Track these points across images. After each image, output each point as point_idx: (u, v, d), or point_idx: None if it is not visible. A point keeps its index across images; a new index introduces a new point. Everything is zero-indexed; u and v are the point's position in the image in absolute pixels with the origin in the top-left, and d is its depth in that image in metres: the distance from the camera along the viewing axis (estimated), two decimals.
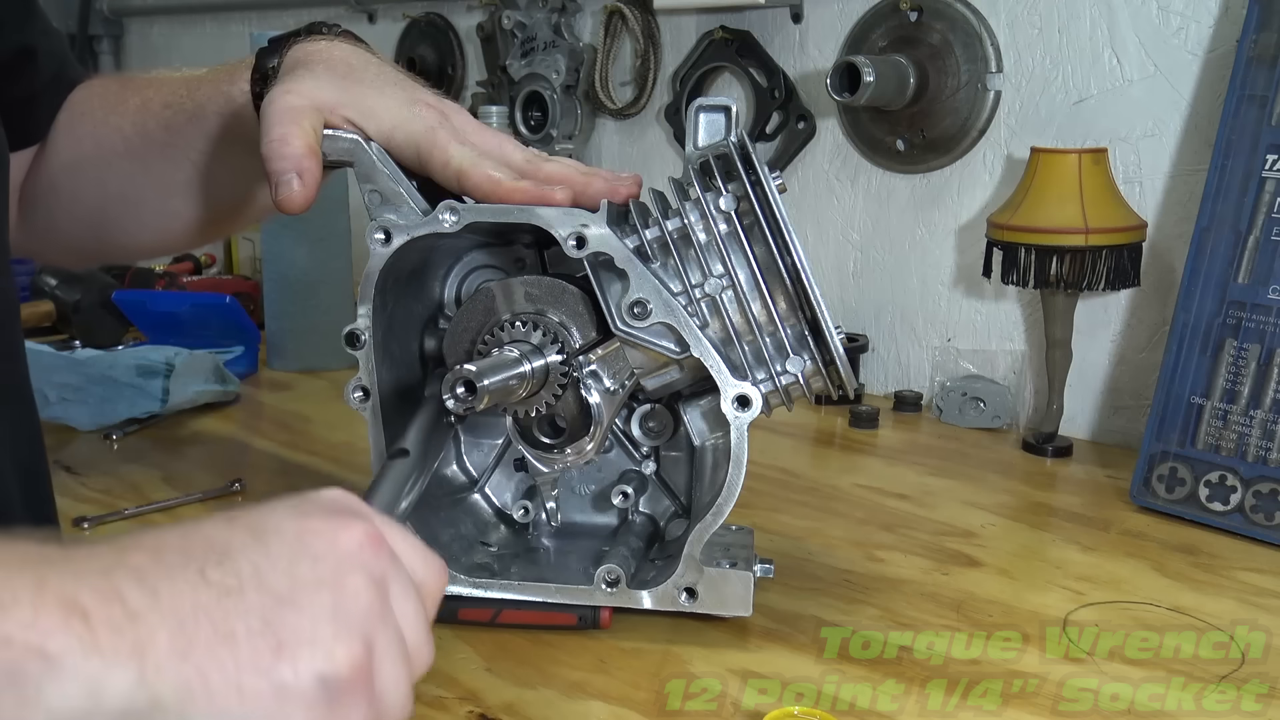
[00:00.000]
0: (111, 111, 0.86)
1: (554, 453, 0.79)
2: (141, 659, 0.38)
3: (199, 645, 0.40)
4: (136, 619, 0.39)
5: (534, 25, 1.76)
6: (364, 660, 0.44)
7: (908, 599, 0.87)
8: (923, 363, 1.47)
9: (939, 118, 1.40)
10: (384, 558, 0.48)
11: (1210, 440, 1.04)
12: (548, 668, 0.76)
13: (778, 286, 0.75)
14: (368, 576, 0.46)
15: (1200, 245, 1.06)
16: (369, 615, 0.45)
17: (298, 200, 0.68)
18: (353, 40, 0.79)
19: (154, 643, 0.39)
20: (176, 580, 0.41)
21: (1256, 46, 1.06)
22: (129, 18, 2.68)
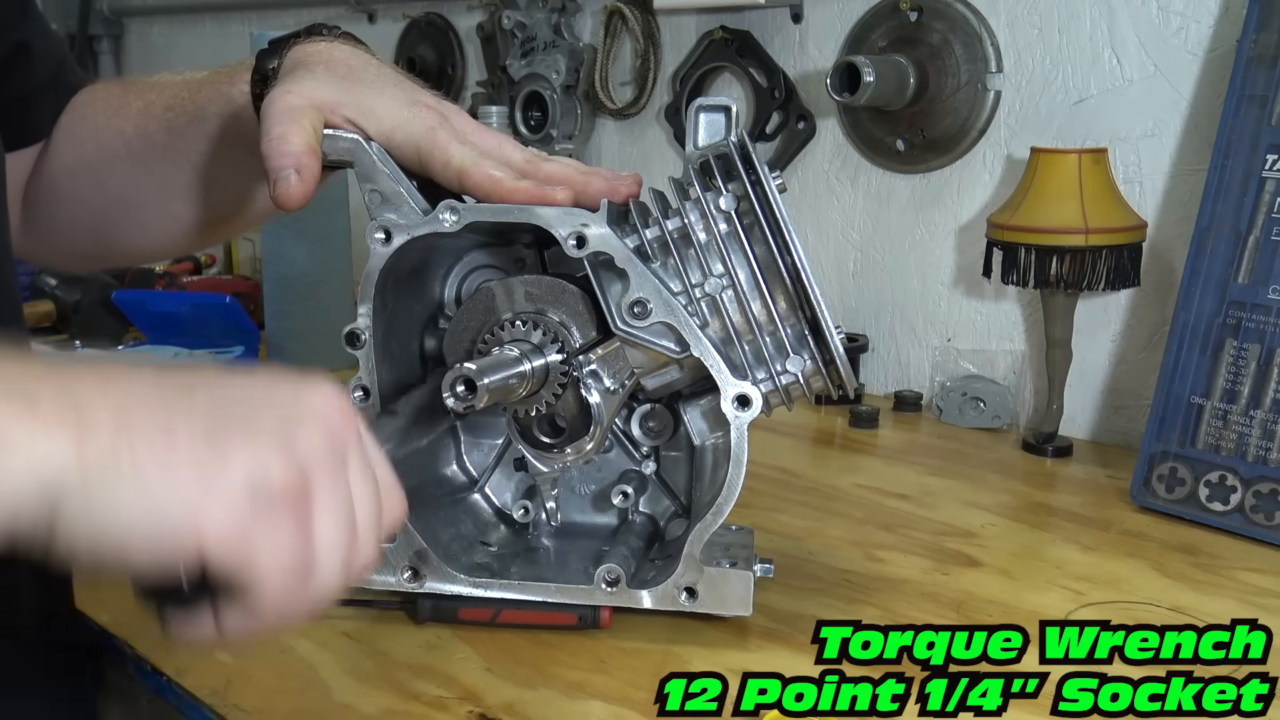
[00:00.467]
0: (114, 115, 0.87)
1: (554, 452, 0.79)
2: (79, 431, 0.41)
3: (136, 429, 0.42)
4: (81, 405, 0.42)
5: (534, 25, 1.76)
6: (299, 487, 0.44)
7: (908, 599, 0.87)
8: (923, 363, 1.47)
9: (939, 118, 1.40)
10: (350, 431, 0.48)
11: (1210, 440, 1.04)
12: (548, 668, 0.76)
13: (778, 286, 0.75)
14: (326, 432, 0.46)
15: (1200, 245, 1.06)
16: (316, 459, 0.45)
17: (295, 195, 0.68)
18: (352, 42, 0.79)
19: (94, 421, 0.41)
20: (131, 385, 0.43)
21: (1256, 46, 1.05)
22: (129, 18, 2.69)
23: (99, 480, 0.41)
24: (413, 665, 0.77)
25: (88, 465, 0.41)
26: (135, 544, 0.41)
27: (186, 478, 0.42)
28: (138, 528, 0.41)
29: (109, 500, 0.41)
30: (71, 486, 0.40)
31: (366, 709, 0.71)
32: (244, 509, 0.42)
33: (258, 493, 0.43)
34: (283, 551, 0.43)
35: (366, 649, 0.79)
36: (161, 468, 0.41)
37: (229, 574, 0.43)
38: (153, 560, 0.42)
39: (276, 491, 0.43)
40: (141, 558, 0.42)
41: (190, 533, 0.41)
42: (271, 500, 0.43)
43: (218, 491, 0.42)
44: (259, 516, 0.43)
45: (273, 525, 0.43)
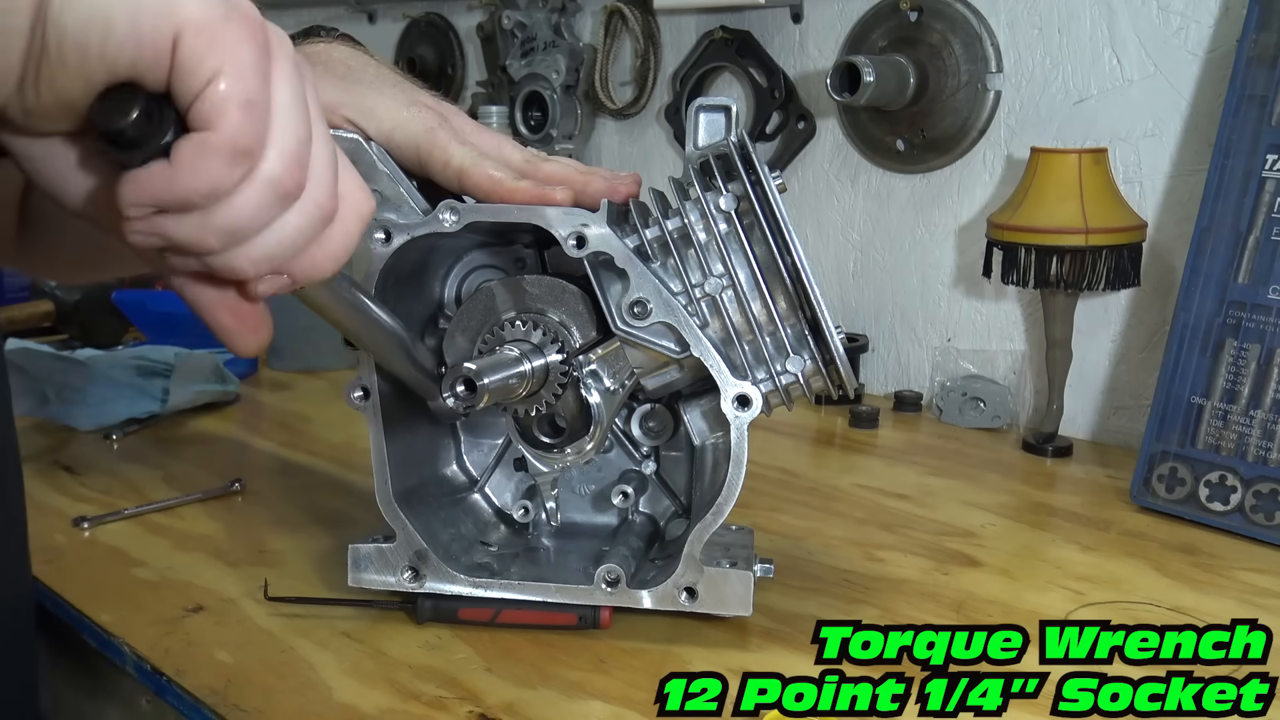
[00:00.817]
0: None
1: (554, 452, 0.79)
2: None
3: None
4: None
5: (534, 25, 1.76)
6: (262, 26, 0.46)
7: (908, 599, 0.87)
8: (923, 363, 1.47)
9: (939, 118, 1.40)
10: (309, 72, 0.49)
11: (1210, 440, 1.04)
12: (548, 668, 0.76)
13: (778, 286, 0.75)
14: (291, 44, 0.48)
15: (1200, 245, 1.06)
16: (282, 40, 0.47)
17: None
18: (350, 43, 0.79)
19: None
20: None
21: (1256, 46, 1.06)
22: None
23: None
24: (413, 665, 0.77)
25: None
26: (118, 22, 0.42)
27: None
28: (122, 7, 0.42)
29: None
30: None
31: (366, 709, 0.71)
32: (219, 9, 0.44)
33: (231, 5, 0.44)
34: (244, 65, 0.44)
35: (366, 649, 0.79)
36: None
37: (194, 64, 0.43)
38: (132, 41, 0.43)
39: (245, 11, 0.45)
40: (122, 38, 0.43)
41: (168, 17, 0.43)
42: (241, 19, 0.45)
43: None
44: (229, 23, 0.44)
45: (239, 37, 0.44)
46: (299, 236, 0.49)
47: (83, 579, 0.91)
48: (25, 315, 1.71)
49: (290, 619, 0.83)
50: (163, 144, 0.45)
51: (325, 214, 0.50)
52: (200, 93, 0.44)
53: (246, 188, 0.46)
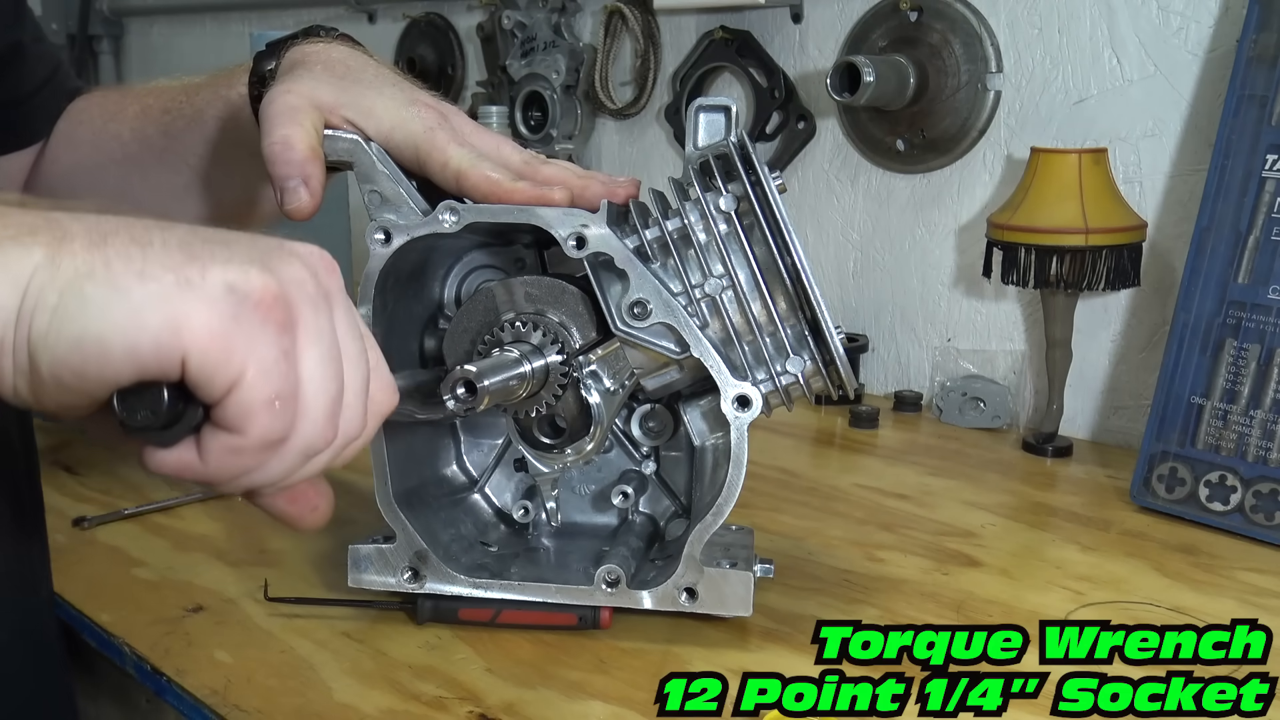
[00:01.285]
0: (110, 119, 0.87)
1: (554, 453, 0.79)
2: (55, 246, 0.41)
3: (112, 243, 0.41)
4: (58, 224, 0.42)
5: (534, 25, 1.76)
6: (281, 300, 0.43)
7: (908, 599, 0.87)
8: (923, 363, 1.47)
9: (939, 118, 1.40)
10: (335, 280, 0.47)
11: (1210, 440, 1.04)
12: (548, 668, 0.76)
13: (778, 286, 0.75)
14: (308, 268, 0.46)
15: (1200, 245, 1.06)
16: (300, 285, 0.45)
17: (306, 209, 0.69)
18: (350, 43, 0.79)
19: (70, 236, 0.41)
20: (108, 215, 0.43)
21: (1256, 46, 1.05)
22: (129, 18, 2.69)
23: (74, 289, 0.40)
24: (413, 665, 0.77)
25: (62, 273, 0.40)
26: (114, 349, 0.40)
27: (164, 281, 0.41)
28: (115, 331, 0.40)
29: (85, 307, 0.40)
30: (47, 296, 0.40)
31: (366, 709, 0.72)
32: (224, 312, 0.41)
33: (238, 298, 0.42)
34: (266, 363, 0.42)
35: (366, 649, 0.79)
36: (138, 275, 0.41)
37: (211, 376, 0.41)
38: (133, 364, 0.41)
39: (256, 299, 0.42)
40: (121, 364, 0.41)
41: (170, 333, 0.40)
42: (253, 308, 0.42)
43: (196, 292, 0.41)
44: (239, 322, 0.42)
45: (254, 333, 0.42)
46: (323, 466, 0.48)
47: (83, 579, 0.91)
48: None
49: (290, 619, 0.83)
50: (191, 427, 0.43)
51: (351, 440, 0.48)
52: (222, 400, 0.42)
53: (276, 460, 0.45)
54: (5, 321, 0.40)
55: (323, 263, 0.48)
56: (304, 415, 0.45)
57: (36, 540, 0.84)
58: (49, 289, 0.40)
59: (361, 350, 0.48)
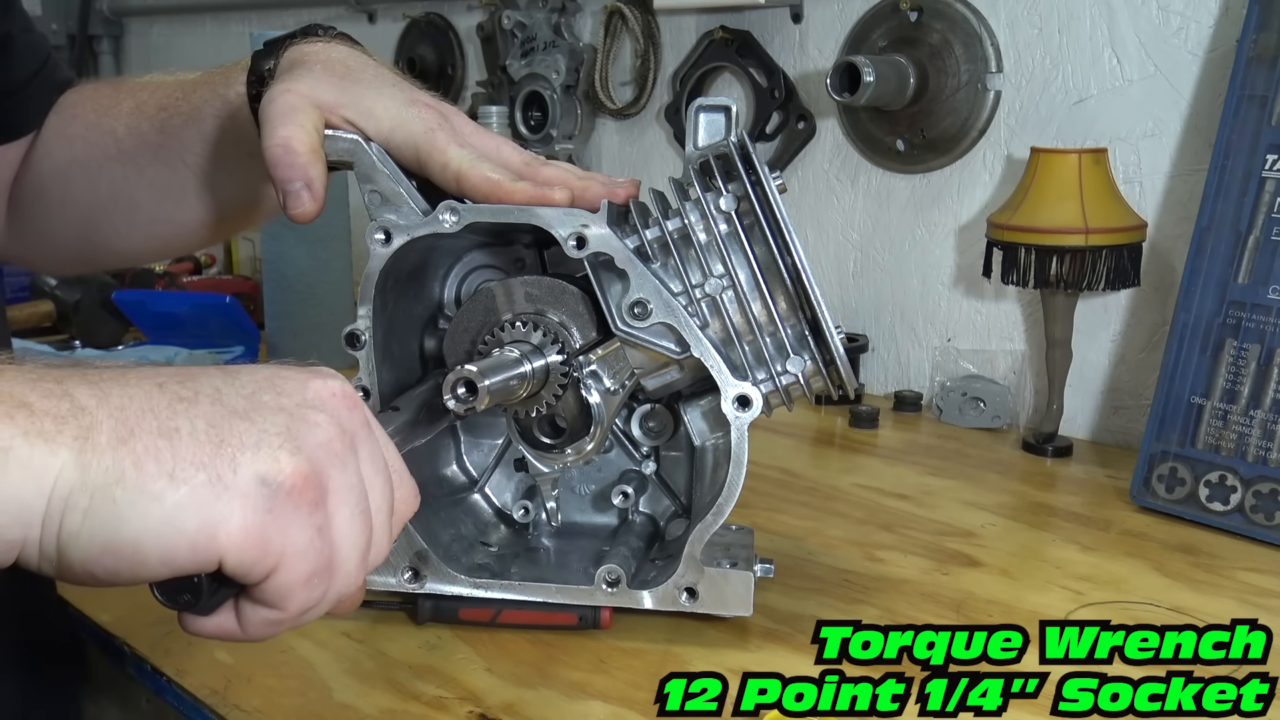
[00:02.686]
0: (104, 114, 0.86)
1: (554, 453, 0.79)
2: (81, 443, 0.40)
3: (139, 436, 0.41)
4: (82, 412, 0.40)
5: (534, 25, 1.76)
6: (312, 481, 0.43)
7: (908, 599, 0.87)
8: (923, 363, 1.47)
9: (939, 118, 1.40)
10: (357, 416, 0.47)
11: (1210, 440, 1.04)
12: (548, 668, 0.76)
13: (778, 286, 0.75)
14: (333, 419, 0.46)
15: (1200, 245, 1.06)
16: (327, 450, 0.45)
17: (310, 213, 0.69)
18: (349, 42, 0.78)
19: (96, 430, 0.40)
20: (130, 386, 0.42)
21: (1256, 46, 1.05)
22: (129, 18, 2.69)
23: (104, 494, 0.40)
24: (413, 665, 0.77)
25: (92, 480, 0.40)
26: (149, 554, 0.40)
27: (196, 482, 0.41)
28: (150, 538, 0.40)
29: (117, 514, 0.40)
30: (78, 499, 0.40)
31: (366, 709, 0.72)
32: (258, 507, 0.41)
33: (271, 490, 0.42)
34: (302, 546, 0.43)
35: (366, 649, 0.79)
36: (169, 478, 0.40)
37: (249, 570, 0.42)
38: (169, 568, 0.41)
39: (289, 487, 0.42)
40: (157, 567, 0.41)
41: (205, 537, 0.41)
42: (285, 496, 0.42)
43: (229, 492, 0.41)
44: (274, 514, 0.42)
45: (289, 521, 0.42)
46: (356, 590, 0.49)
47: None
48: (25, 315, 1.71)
49: None
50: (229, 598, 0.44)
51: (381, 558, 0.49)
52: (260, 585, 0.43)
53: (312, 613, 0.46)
54: (30, 522, 0.40)
55: (345, 404, 0.47)
56: (338, 573, 0.45)
57: None
58: (79, 493, 0.40)
59: (386, 480, 0.49)
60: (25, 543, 0.40)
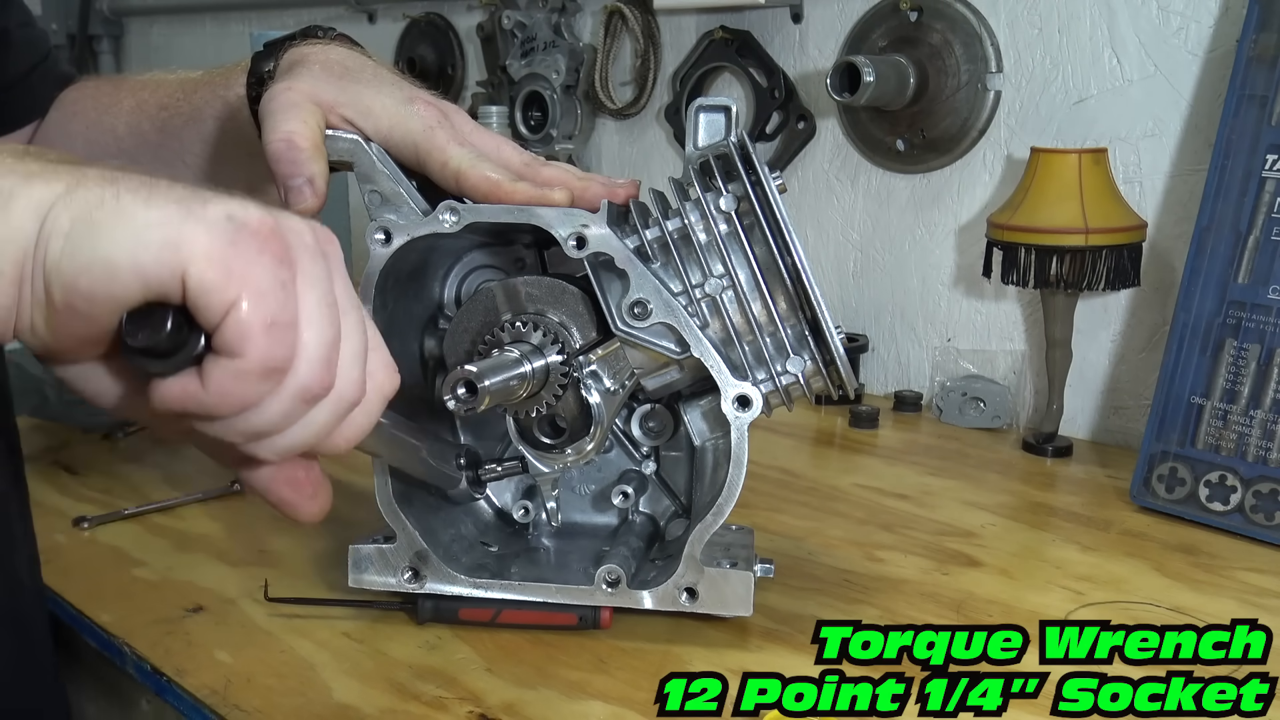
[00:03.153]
0: (105, 112, 0.86)
1: (554, 453, 0.79)
2: (72, 181, 0.45)
3: (123, 180, 0.45)
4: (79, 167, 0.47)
5: (534, 25, 1.76)
6: (278, 233, 0.46)
7: (908, 599, 0.87)
8: (923, 363, 1.47)
9: (939, 118, 1.40)
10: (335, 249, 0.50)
11: (1210, 440, 1.04)
12: (548, 668, 0.76)
13: (778, 286, 0.75)
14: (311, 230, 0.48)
15: (1200, 245, 1.06)
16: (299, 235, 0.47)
17: (312, 208, 0.69)
18: (348, 43, 0.79)
19: (86, 176, 0.45)
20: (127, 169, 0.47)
21: (1256, 46, 1.05)
22: (129, 18, 2.69)
23: (84, 215, 0.43)
24: (413, 665, 0.77)
25: (75, 202, 0.44)
26: (120, 268, 0.43)
27: (168, 209, 0.44)
28: (121, 251, 0.43)
29: (94, 231, 0.43)
30: (60, 223, 0.43)
31: (366, 709, 0.72)
32: (222, 237, 0.44)
33: (236, 224, 0.45)
34: (262, 285, 0.45)
35: (366, 649, 0.79)
36: (144, 202, 0.44)
37: (209, 296, 0.43)
38: (139, 280, 0.43)
39: (254, 228, 0.45)
40: (128, 280, 0.43)
41: (171, 250, 0.43)
42: (251, 235, 0.45)
43: (196, 219, 0.44)
44: (237, 246, 0.44)
45: (251, 258, 0.44)
46: (323, 429, 0.50)
47: (83, 579, 0.91)
48: None
49: (290, 619, 0.83)
50: (193, 355, 0.45)
51: (350, 404, 0.50)
52: (221, 321, 0.44)
53: (275, 398, 0.47)
54: (26, 248, 0.44)
55: (323, 232, 0.50)
56: (301, 350, 0.46)
57: (22, 532, 0.84)
58: (63, 216, 0.44)
59: (360, 319, 0.51)
60: (21, 281, 0.44)
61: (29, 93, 0.88)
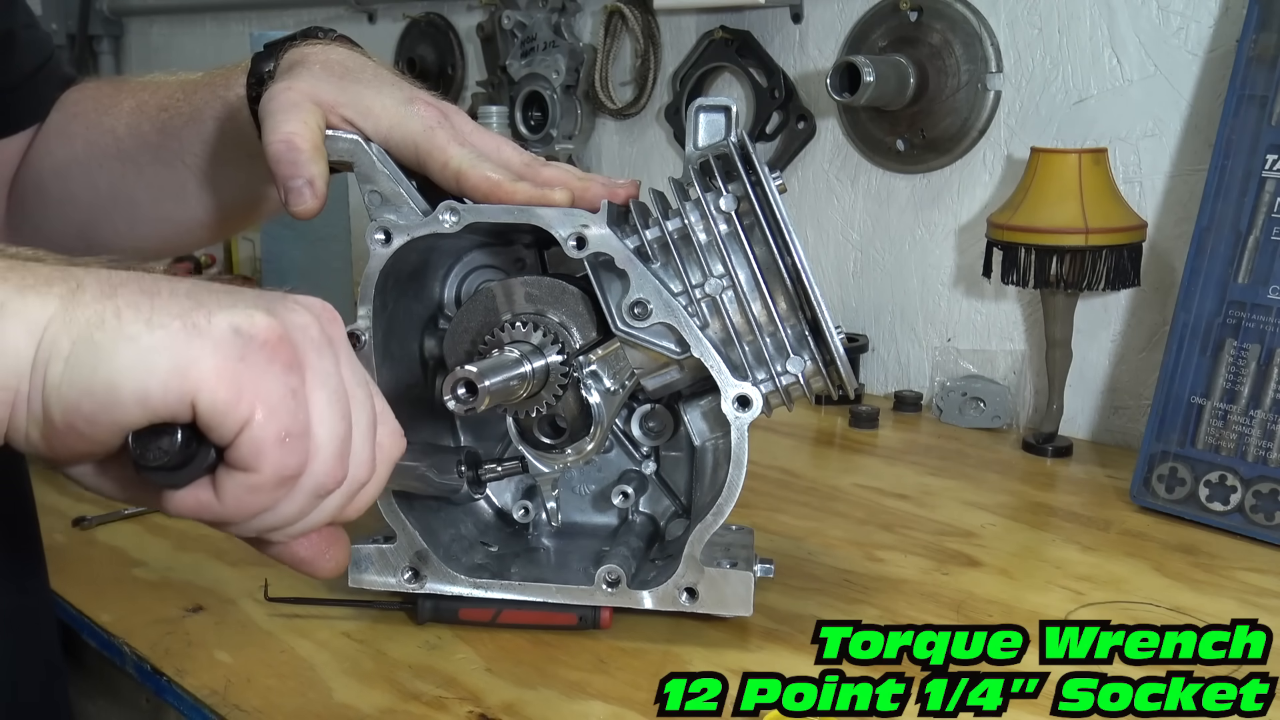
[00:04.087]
0: (105, 113, 0.86)
1: (554, 453, 0.79)
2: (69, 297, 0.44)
3: (122, 294, 0.44)
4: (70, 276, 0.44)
5: (534, 25, 1.76)
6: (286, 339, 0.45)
7: (908, 599, 0.87)
8: (923, 363, 1.47)
9: (939, 118, 1.40)
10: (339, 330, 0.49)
11: (1210, 440, 1.04)
12: (548, 668, 0.76)
13: (778, 286, 0.75)
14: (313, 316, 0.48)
15: (1200, 245, 1.06)
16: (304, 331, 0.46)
17: (312, 209, 0.69)
18: (348, 44, 0.79)
19: (82, 289, 0.43)
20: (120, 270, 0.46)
21: (1256, 46, 1.05)
22: (129, 18, 2.69)
23: (85, 337, 0.42)
24: (413, 665, 0.77)
25: (75, 322, 0.42)
26: (124, 392, 0.42)
27: (172, 327, 0.43)
28: (125, 376, 0.42)
29: (96, 354, 0.42)
30: (60, 345, 0.42)
31: (366, 709, 0.72)
32: (230, 354, 0.43)
33: (244, 339, 0.44)
34: (274, 400, 0.44)
35: (366, 649, 0.79)
36: (146, 322, 0.43)
37: (221, 417, 0.43)
38: (143, 408, 0.42)
39: (262, 340, 0.44)
40: (132, 407, 0.42)
41: (178, 376, 0.42)
42: (259, 348, 0.44)
43: (203, 338, 0.43)
44: (246, 362, 0.43)
45: (262, 372, 0.44)
46: (335, 513, 0.50)
47: (83, 579, 0.91)
48: None
49: (290, 619, 0.83)
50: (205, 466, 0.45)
51: (362, 485, 0.50)
52: (234, 440, 0.44)
53: (289, 500, 0.46)
54: (21, 371, 0.42)
55: (326, 313, 0.49)
56: (315, 453, 0.46)
57: (29, 536, 0.84)
58: (62, 337, 0.42)
59: (368, 396, 0.50)
60: (15, 400, 0.43)
61: (33, 94, 0.88)
